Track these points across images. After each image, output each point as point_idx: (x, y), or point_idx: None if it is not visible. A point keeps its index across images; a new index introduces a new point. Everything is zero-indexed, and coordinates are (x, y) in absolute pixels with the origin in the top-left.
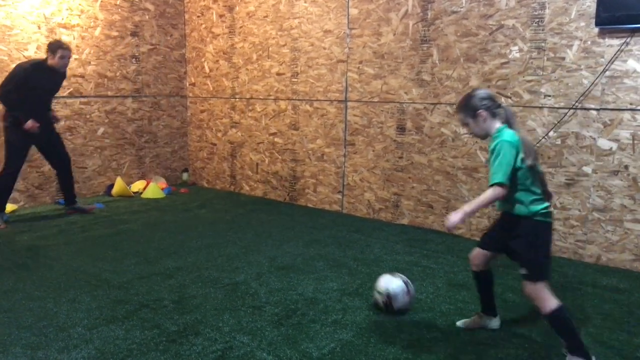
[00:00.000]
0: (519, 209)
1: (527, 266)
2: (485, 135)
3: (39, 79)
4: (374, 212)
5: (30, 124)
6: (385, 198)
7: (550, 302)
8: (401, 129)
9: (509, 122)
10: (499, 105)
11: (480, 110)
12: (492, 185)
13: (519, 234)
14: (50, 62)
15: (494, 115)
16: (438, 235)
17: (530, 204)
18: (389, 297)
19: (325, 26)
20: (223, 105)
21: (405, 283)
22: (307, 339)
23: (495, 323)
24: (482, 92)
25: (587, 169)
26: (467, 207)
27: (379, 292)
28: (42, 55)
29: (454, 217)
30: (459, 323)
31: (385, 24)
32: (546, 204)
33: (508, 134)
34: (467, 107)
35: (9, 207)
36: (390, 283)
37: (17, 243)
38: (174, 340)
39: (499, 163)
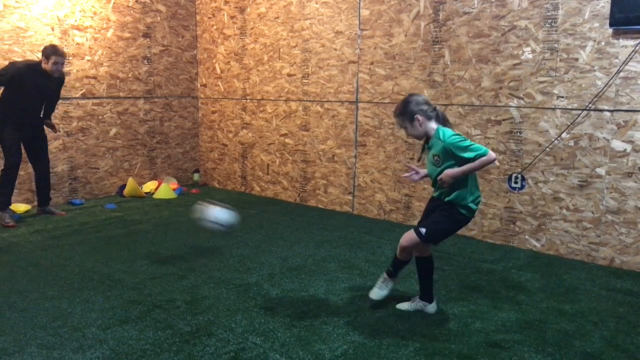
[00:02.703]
0: (455, 199)
1: (428, 227)
2: (423, 136)
3: (30, 79)
4: (385, 214)
5: None
6: (396, 199)
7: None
8: None
9: (444, 123)
10: (434, 109)
11: (417, 115)
12: (479, 156)
13: (440, 209)
14: (44, 66)
15: (429, 118)
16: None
17: (464, 199)
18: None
19: (337, 27)
20: (234, 106)
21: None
22: (319, 340)
23: (432, 308)
24: (418, 98)
25: (601, 171)
26: (459, 170)
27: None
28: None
29: (450, 173)
30: (399, 306)
31: (396, 24)
32: (477, 201)
33: (448, 131)
34: (405, 113)
35: (23, 207)
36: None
37: (30, 243)
38: (187, 341)
39: (469, 143)
